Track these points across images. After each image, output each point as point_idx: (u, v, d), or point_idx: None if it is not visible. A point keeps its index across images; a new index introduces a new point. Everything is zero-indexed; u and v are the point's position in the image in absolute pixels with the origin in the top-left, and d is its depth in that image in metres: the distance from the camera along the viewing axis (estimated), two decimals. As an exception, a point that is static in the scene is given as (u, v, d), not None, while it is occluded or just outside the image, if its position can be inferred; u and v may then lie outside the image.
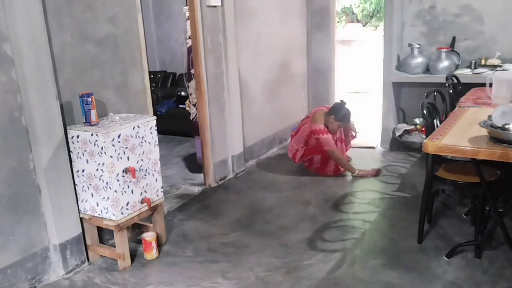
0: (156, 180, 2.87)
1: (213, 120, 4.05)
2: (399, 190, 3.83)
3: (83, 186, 2.67)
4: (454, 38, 4.74)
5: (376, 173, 4.20)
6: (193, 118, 4.37)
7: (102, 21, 2.84)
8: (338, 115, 4.15)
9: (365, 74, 9.02)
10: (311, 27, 5.72)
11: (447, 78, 4.09)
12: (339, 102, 4.27)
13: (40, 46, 2.42)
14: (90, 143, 2.54)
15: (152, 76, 6.24)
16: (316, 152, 4.18)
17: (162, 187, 2.94)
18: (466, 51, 4.72)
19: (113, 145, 2.52)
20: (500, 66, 4.37)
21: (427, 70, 4.72)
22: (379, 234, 3.10)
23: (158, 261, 2.84)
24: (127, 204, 2.66)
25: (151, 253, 2.85)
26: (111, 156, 2.51)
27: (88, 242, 2.81)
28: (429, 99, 3.26)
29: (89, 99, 2.56)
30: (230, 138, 4.27)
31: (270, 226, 3.27)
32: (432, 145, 2.38)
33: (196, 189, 4.04)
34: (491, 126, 2.38)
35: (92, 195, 2.65)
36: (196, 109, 4.14)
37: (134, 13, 3.05)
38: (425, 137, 2.74)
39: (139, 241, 2.98)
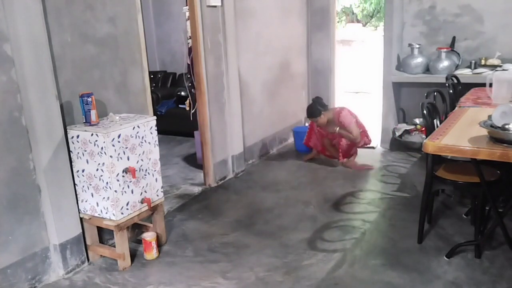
0: (156, 180, 2.87)
1: (213, 120, 4.05)
2: (399, 190, 3.83)
3: (83, 186, 2.67)
4: (454, 38, 4.74)
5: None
6: (193, 111, 4.31)
7: (102, 21, 2.84)
8: None
9: (365, 74, 9.02)
10: (311, 27, 5.72)
11: (447, 78, 4.09)
12: None
13: (40, 46, 2.42)
14: (90, 143, 2.54)
15: (152, 76, 6.25)
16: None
17: (162, 187, 2.94)
18: (466, 51, 4.72)
19: (113, 145, 2.52)
20: (500, 66, 4.37)
21: (427, 70, 4.72)
22: (379, 234, 3.10)
23: (158, 261, 2.84)
24: (127, 204, 2.66)
25: (151, 253, 2.85)
26: (111, 156, 2.51)
27: (88, 242, 2.81)
28: (429, 99, 3.26)
29: (89, 99, 2.56)
30: (230, 138, 4.27)
31: (270, 226, 3.27)
32: (432, 145, 2.38)
33: (196, 189, 4.04)
34: (491, 126, 2.38)
35: (92, 195, 2.65)
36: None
37: (134, 13, 3.05)
38: (425, 137, 2.74)
39: (139, 241, 2.98)
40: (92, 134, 2.52)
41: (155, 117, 2.83)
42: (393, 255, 2.78)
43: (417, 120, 4.90)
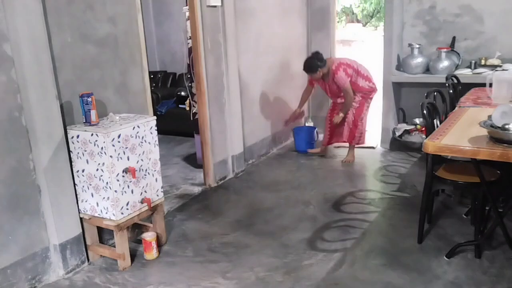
0: (156, 180, 2.87)
1: (213, 120, 4.05)
2: (399, 190, 3.83)
3: (83, 186, 2.67)
4: (454, 38, 4.74)
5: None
6: (193, 115, 4.33)
7: (102, 21, 2.84)
8: None
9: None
10: (311, 27, 5.72)
11: (447, 78, 4.09)
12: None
13: (40, 46, 2.42)
14: (90, 143, 2.54)
15: (152, 76, 6.25)
16: None
17: (162, 187, 2.94)
18: (466, 51, 4.72)
19: (113, 145, 2.52)
20: (500, 66, 4.37)
21: (427, 70, 4.73)
22: (379, 234, 3.10)
23: (158, 261, 2.84)
24: (127, 204, 2.66)
25: (151, 253, 2.85)
26: (111, 156, 2.51)
27: (88, 242, 2.81)
28: (429, 99, 3.26)
29: (89, 99, 2.56)
30: (230, 138, 4.27)
31: (270, 226, 3.27)
32: (432, 145, 2.38)
33: (196, 189, 4.04)
34: (491, 126, 2.38)
35: (92, 195, 2.65)
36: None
37: (134, 13, 3.05)
38: (425, 137, 2.74)
39: (139, 241, 2.98)
40: (92, 134, 2.52)
41: (155, 117, 2.84)
42: (393, 255, 2.78)
43: (417, 120, 4.90)
